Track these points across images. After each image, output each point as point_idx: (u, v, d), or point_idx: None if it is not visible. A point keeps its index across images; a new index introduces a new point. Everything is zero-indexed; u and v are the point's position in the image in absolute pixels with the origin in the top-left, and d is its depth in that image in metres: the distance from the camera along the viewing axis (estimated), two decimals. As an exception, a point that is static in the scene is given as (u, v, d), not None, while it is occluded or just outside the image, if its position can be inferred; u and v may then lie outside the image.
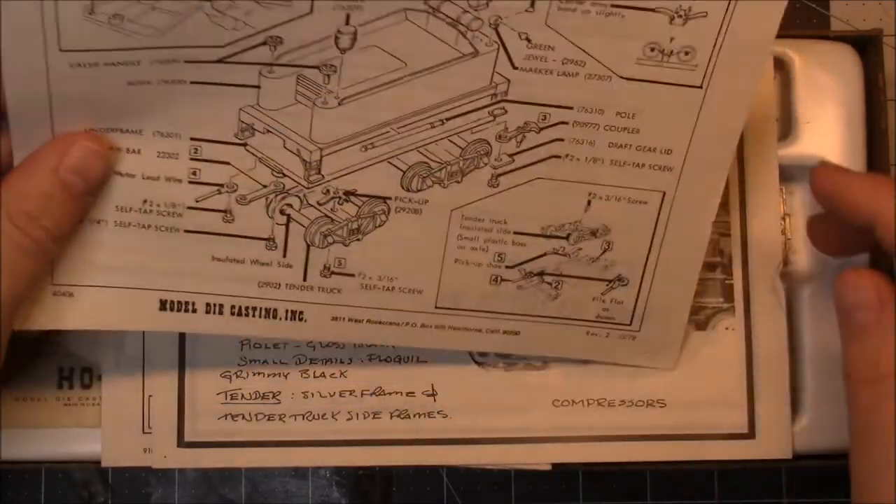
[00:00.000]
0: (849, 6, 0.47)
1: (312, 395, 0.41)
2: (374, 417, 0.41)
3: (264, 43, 0.33)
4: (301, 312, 0.38)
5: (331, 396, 0.41)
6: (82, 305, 0.37)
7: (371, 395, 0.41)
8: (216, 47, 0.33)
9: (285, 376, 0.41)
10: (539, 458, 0.41)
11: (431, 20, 0.34)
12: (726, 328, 0.41)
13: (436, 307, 0.38)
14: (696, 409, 0.41)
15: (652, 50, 0.34)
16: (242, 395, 0.41)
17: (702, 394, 0.40)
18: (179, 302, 0.37)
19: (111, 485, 0.45)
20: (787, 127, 0.42)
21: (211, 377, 0.40)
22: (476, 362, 0.41)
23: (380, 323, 0.38)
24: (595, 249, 0.38)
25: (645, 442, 0.41)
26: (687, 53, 0.34)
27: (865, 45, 0.42)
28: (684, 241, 0.38)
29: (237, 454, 0.41)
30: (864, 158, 0.41)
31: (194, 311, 0.37)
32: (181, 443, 0.40)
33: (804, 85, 0.41)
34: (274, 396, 0.41)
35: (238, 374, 0.41)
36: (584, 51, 0.34)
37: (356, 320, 0.38)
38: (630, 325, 0.39)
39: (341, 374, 0.41)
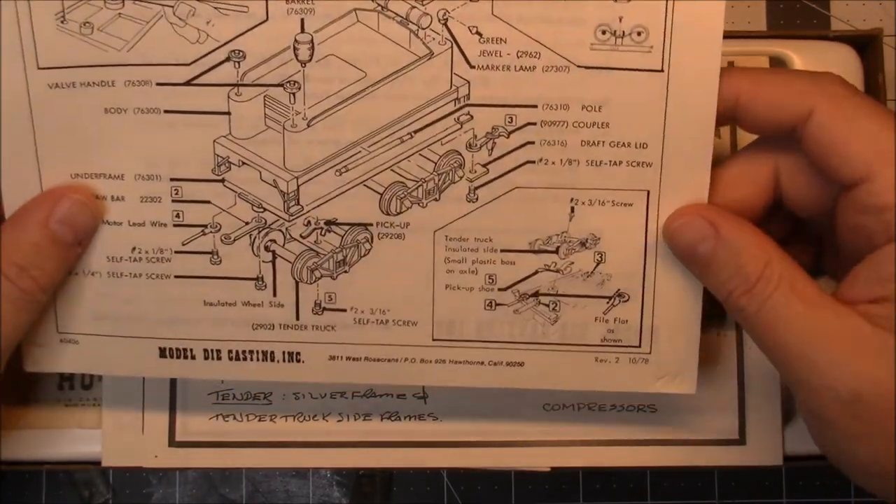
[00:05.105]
0: (849, 6, 0.46)
1: (303, 395, 0.41)
2: (364, 419, 0.41)
3: (228, 59, 0.34)
4: (298, 353, 0.37)
5: (322, 398, 0.41)
6: (87, 352, 0.37)
7: (362, 396, 0.41)
8: (183, 65, 0.34)
9: (277, 377, 0.41)
10: (530, 462, 0.41)
11: (382, 20, 0.34)
12: (718, 333, 0.41)
13: (433, 339, 0.37)
14: (687, 415, 0.41)
15: (603, 33, 0.34)
16: (234, 396, 0.41)
17: (693, 399, 0.39)
18: (178, 349, 0.37)
19: (112, 485, 0.46)
20: (786, 128, 0.41)
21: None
22: None
23: (378, 360, 0.37)
24: (587, 263, 0.36)
25: (635, 447, 0.41)
26: (640, 34, 0.34)
27: (865, 45, 0.41)
28: None
29: (228, 454, 0.41)
30: (863, 160, 0.41)
31: (193, 357, 0.37)
32: (172, 442, 0.41)
33: (804, 86, 0.41)
34: (265, 397, 0.41)
35: None
36: (535, 40, 0.34)
37: (353, 358, 0.37)
38: (639, 346, 0.37)
39: None
